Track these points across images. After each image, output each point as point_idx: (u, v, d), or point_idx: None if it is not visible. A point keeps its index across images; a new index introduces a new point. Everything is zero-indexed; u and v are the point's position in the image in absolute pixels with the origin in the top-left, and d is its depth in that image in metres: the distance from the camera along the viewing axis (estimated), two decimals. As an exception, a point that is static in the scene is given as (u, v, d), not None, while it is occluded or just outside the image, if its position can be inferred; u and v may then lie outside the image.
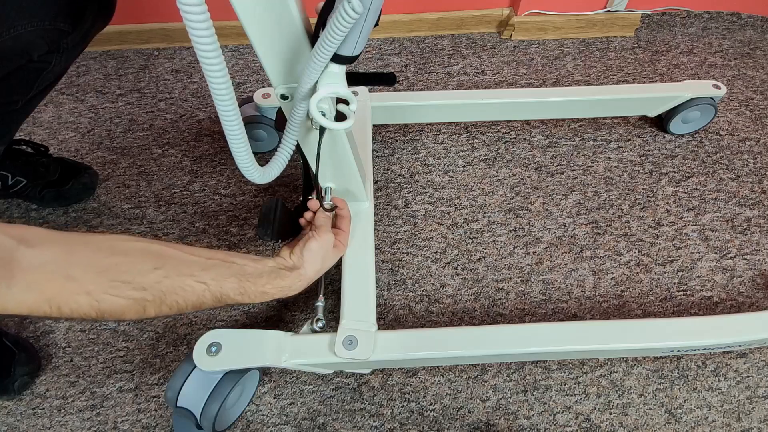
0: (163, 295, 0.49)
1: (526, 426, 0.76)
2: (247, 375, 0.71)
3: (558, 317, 0.86)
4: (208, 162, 1.05)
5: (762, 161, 1.06)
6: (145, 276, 0.48)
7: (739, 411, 0.77)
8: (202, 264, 0.53)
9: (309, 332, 0.73)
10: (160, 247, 0.51)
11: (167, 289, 0.49)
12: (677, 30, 1.34)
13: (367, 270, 0.77)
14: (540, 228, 0.96)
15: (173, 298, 0.49)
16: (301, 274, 0.64)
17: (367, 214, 0.84)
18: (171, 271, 0.50)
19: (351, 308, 0.73)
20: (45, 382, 0.80)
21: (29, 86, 0.66)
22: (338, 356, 0.68)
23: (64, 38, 0.62)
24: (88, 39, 0.69)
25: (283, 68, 0.54)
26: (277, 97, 0.58)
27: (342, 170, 0.75)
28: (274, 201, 0.77)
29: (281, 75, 0.54)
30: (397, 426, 0.76)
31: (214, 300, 0.54)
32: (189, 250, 0.54)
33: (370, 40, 1.31)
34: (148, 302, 0.48)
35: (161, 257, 0.50)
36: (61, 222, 0.96)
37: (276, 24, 0.48)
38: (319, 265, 0.67)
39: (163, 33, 1.26)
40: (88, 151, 1.07)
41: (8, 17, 0.56)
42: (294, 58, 0.52)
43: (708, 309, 0.87)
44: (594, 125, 1.12)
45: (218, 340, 0.68)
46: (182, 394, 0.68)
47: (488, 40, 1.32)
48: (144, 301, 0.47)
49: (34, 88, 0.67)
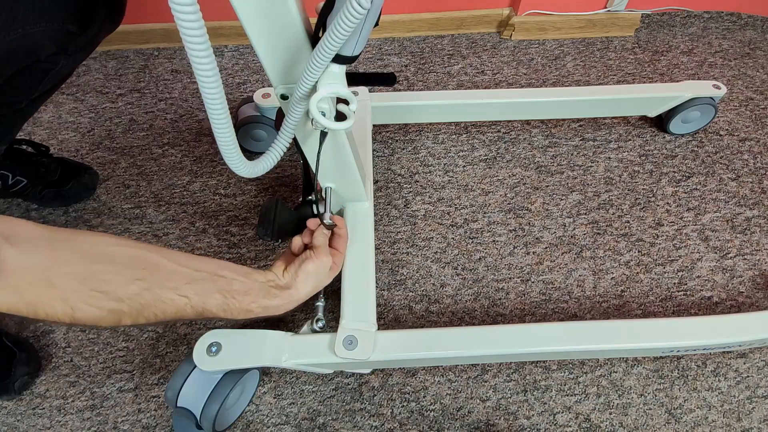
0: (141, 307, 0.48)
1: (526, 426, 0.76)
2: (247, 375, 0.71)
3: (558, 317, 0.86)
4: (208, 162, 1.05)
5: (762, 161, 1.06)
6: (125, 287, 0.47)
7: (739, 411, 0.77)
8: (187, 276, 0.52)
9: (309, 332, 0.73)
10: (147, 254, 0.50)
11: (146, 302, 0.48)
12: (677, 30, 1.34)
13: (367, 270, 0.77)
14: (540, 228, 0.96)
15: (151, 310, 0.49)
16: (292, 294, 0.61)
17: (367, 214, 0.84)
18: (153, 283, 0.49)
19: (351, 308, 0.73)
20: (45, 382, 0.80)
21: (35, 86, 0.66)
22: (338, 356, 0.68)
23: (73, 40, 0.62)
24: (96, 42, 0.68)
25: (283, 68, 0.54)
26: (277, 97, 0.58)
27: (342, 170, 0.75)
28: (274, 200, 0.77)
29: (281, 75, 0.54)
30: (397, 426, 0.76)
31: (195, 314, 0.52)
32: (178, 258, 0.53)
33: (370, 40, 1.31)
34: (124, 313, 0.47)
35: (146, 266, 0.49)
36: (61, 222, 0.96)
37: (276, 24, 0.48)
38: (311, 286, 0.64)
39: (163, 33, 1.26)
40: (88, 151, 1.07)
41: (17, 17, 0.56)
42: (294, 58, 0.52)
43: (708, 309, 0.87)
44: (594, 125, 1.12)
45: (218, 340, 0.68)
46: (182, 394, 0.68)
47: (488, 40, 1.32)
48: (120, 312, 0.47)
49: (39, 88, 0.67)
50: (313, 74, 0.49)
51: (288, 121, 0.57)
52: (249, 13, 0.47)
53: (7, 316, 0.85)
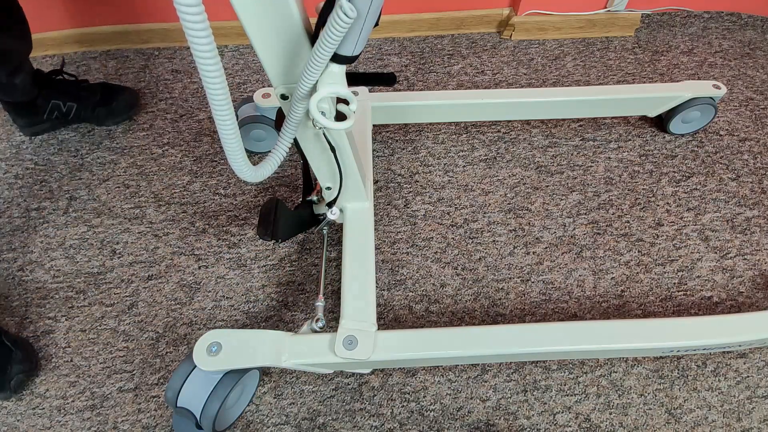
0: None
1: (526, 426, 0.76)
2: (247, 375, 0.71)
3: (558, 317, 0.86)
4: (208, 162, 1.05)
5: (762, 161, 1.06)
6: None
7: (739, 411, 0.77)
8: None
9: (309, 332, 0.73)
10: None
11: None
12: (677, 30, 1.34)
13: (367, 270, 0.77)
14: (540, 228, 0.96)
15: None
16: None
17: (368, 214, 0.84)
18: None
19: (351, 308, 0.73)
20: (45, 382, 0.80)
21: None
22: (338, 356, 0.68)
23: None
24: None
25: (283, 68, 0.54)
26: (277, 97, 0.58)
27: (342, 170, 0.75)
28: (274, 201, 0.77)
29: (281, 75, 0.54)
30: (397, 426, 0.76)
31: None
32: None
33: (370, 40, 1.31)
34: None
35: None
36: (61, 222, 0.96)
37: (276, 24, 0.48)
38: None
39: (163, 33, 1.26)
40: (88, 151, 1.07)
41: None
42: (294, 58, 0.52)
43: (708, 309, 0.87)
44: (594, 125, 1.12)
45: (218, 340, 0.68)
46: (182, 394, 0.68)
47: (488, 40, 1.32)
48: None
49: None
50: (313, 74, 0.49)
51: (289, 122, 0.57)
52: (249, 12, 0.47)
53: (6, 314, 0.85)
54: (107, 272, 0.91)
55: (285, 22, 0.48)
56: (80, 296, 0.88)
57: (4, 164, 1.05)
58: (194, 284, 0.89)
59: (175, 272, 0.90)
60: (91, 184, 1.02)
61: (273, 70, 0.54)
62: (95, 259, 0.92)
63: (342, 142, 0.67)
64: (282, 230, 0.78)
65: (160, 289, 0.89)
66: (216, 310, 0.86)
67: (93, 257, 0.92)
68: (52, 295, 0.88)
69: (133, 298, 0.88)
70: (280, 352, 0.68)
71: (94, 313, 0.86)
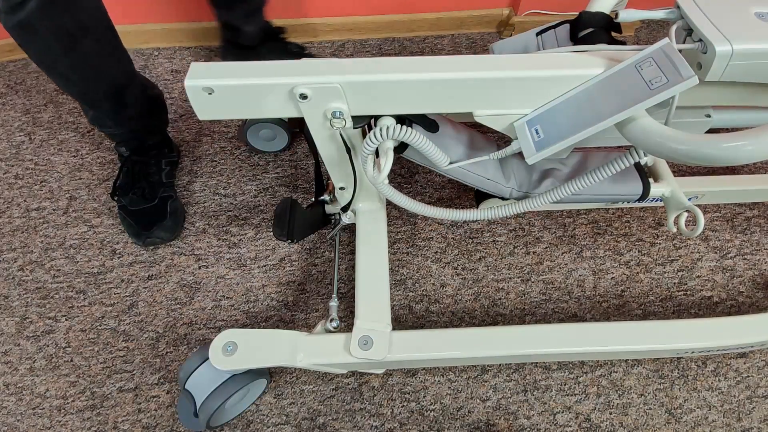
0: None
1: (526, 426, 0.76)
2: (253, 382, 0.71)
3: (558, 317, 0.86)
4: (208, 162, 1.05)
5: (761, 161, 1.06)
6: None
7: (739, 411, 0.77)
8: None
9: (323, 332, 0.72)
10: None
11: None
12: (677, 30, 1.34)
13: (380, 270, 0.77)
14: (540, 228, 0.96)
15: None
16: None
17: (380, 214, 0.84)
18: None
19: (365, 308, 0.72)
20: (45, 382, 0.80)
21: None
22: (354, 356, 0.68)
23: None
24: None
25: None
26: (297, 97, 0.56)
27: (357, 171, 0.74)
28: (288, 201, 0.76)
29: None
30: (397, 426, 0.76)
31: None
32: None
33: (371, 40, 1.31)
34: None
35: None
36: (61, 222, 0.96)
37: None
38: None
39: (163, 33, 1.25)
40: (88, 151, 1.07)
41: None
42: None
43: (708, 309, 0.87)
44: (594, 125, 1.12)
45: (234, 339, 0.68)
46: (192, 378, 0.69)
47: (488, 40, 1.32)
48: None
49: None
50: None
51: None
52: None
53: (6, 314, 0.85)
54: (107, 272, 0.91)
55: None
56: (80, 296, 0.88)
57: (4, 164, 1.05)
58: (194, 284, 0.89)
59: (175, 272, 0.90)
60: (91, 184, 1.02)
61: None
62: (95, 259, 0.92)
63: (359, 144, 0.67)
64: (298, 230, 0.77)
65: (160, 289, 0.89)
66: (216, 310, 0.86)
67: (93, 257, 0.92)
68: (52, 295, 0.88)
69: (133, 298, 0.88)
70: (296, 352, 0.68)
71: (94, 313, 0.86)
